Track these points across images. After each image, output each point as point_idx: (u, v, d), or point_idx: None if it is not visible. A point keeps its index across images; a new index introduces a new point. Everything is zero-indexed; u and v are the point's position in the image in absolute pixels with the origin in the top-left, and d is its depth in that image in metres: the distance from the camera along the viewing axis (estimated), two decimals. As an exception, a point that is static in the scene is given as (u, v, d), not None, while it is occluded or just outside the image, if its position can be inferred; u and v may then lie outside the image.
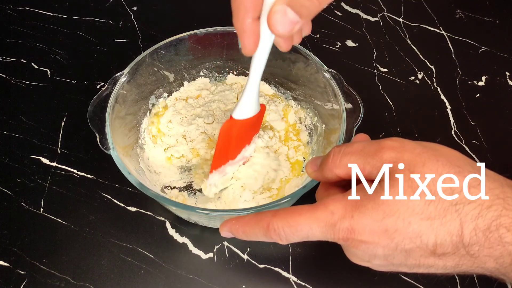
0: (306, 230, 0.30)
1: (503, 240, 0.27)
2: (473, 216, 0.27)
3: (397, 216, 0.28)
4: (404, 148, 0.30)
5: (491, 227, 0.27)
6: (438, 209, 0.28)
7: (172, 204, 0.42)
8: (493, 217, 0.27)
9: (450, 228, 0.27)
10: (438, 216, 0.28)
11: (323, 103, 0.53)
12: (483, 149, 0.58)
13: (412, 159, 0.29)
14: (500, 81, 0.65)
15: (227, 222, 0.35)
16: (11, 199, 0.53)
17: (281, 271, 0.49)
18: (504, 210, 0.27)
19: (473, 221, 0.27)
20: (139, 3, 0.73)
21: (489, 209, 0.27)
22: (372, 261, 0.31)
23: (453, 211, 0.28)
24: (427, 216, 0.28)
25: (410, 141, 0.31)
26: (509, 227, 0.27)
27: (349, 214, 0.29)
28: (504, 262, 0.27)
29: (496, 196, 0.28)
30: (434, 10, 0.73)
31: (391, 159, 0.30)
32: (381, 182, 0.29)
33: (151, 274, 0.48)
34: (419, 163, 0.29)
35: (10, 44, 0.68)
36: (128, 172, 0.43)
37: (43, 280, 0.48)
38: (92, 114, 0.47)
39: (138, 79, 0.52)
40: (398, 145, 0.30)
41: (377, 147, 0.31)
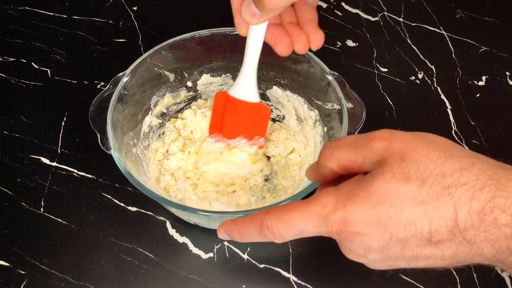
0: (299, 225, 0.30)
1: (498, 222, 0.26)
2: (466, 199, 0.27)
3: (389, 203, 0.28)
4: (394, 137, 0.30)
5: (486, 209, 0.27)
6: (431, 193, 0.27)
7: (173, 205, 0.42)
8: (486, 199, 0.27)
9: (444, 212, 0.27)
10: (430, 201, 0.27)
11: (323, 103, 0.53)
12: (483, 149, 0.58)
13: (403, 146, 0.29)
14: (500, 81, 0.65)
15: (224, 224, 0.35)
16: (11, 199, 0.53)
17: (281, 271, 0.49)
18: (498, 191, 0.27)
19: (467, 203, 0.27)
20: (139, 3, 0.73)
21: (482, 190, 0.27)
22: (368, 255, 0.30)
23: (446, 195, 0.27)
24: (419, 202, 0.27)
25: (401, 131, 0.31)
26: (504, 208, 0.26)
27: (341, 205, 0.29)
28: (501, 246, 0.27)
29: (488, 177, 0.27)
30: (434, 10, 0.73)
31: (382, 148, 0.30)
32: (372, 171, 0.29)
33: (151, 274, 0.48)
34: (409, 150, 0.29)
35: (10, 44, 0.68)
36: (129, 172, 0.43)
37: (43, 280, 0.48)
38: (94, 114, 0.47)
39: (140, 79, 0.52)
40: (388, 135, 0.30)
41: (368, 138, 0.31)
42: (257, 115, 0.52)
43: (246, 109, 0.51)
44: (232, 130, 0.53)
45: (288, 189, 0.53)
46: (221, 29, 0.53)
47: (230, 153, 0.53)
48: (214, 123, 0.54)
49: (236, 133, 0.53)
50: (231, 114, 0.52)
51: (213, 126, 0.54)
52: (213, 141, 0.54)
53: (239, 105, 0.51)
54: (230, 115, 0.52)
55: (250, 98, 0.50)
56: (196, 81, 0.58)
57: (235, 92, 0.50)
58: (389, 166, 0.28)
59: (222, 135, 0.54)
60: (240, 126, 0.53)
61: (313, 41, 0.43)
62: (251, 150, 0.53)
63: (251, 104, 0.50)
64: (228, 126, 0.53)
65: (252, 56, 0.47)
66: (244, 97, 0.50)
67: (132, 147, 0.51)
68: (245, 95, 0.50)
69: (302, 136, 0.56)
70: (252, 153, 0.53)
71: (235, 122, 0.53)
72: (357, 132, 0.47)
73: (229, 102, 0.51)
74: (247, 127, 0.53)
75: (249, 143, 0.53)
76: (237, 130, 0.53)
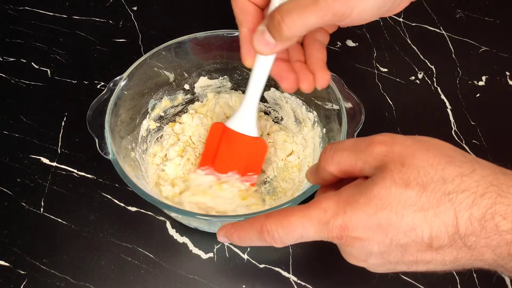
0: (300, 230, 0.30)
1: (499, 228, 0.26)
2: (467, 205, 0.27)
3: (390, 209, 0.28)
4: (395, 141, 0.30)
5: (486, 216, 0.26)
6: (431, 199, 0.27)
7: (172, 210, 0.42)
8: (487, 205, 0.26)
9: (445, 219, 0.27)
10: (431, 207, 0.27)
11: (322, 104, 0.53)
12: (483, 149, 0.58)
13: (403, 151, 0.29)
14: (500, 81, 0.65)
15: (224, 228, 0.35)
16: (11, 199, 0.53)
17: (281, 271, 0.49)
18: (499, 197, 0.27)
19: (468, 210, 0.27)
20: (139, 3, 0.73)
21: (482, 197, 0.27)
22: (368, 260, 0.30)
23: (447, 201, 0.27)
24: (420, 208, 0.27)
25: (401, 135, 0.31)
26: (505, 215, 0.26)
27: (341, 210, 0.29)
28: (502, 252, 0.27)
29: (489, 183, 0.27)
30: (434, 10, 0.73)
31: (382, 152, 0.29)
32: (373, 177, 0.29)
33: (151, 274, 0.48)
34: (409, 155, 0.29)
35: (10, 44, 0.68)
36: (128, 177, 0.43)
37: (43, 280, 0.48)
38: (91, 118, 0.47)
39: (138, 82, 0.52)
40: (389, 139, 0.30)
41: (368, 142, 0.30)
42: (254, 150, 0.50)
43: (243, 142, 0.49)
44: (225, 164, 0.51)
45: (287, 191, 0.53)
46: (219, 31, 0.53)
47: (220, 188, 0.50)
48: (206, 155, 0.51)
49: (229, 167, 0.50)
50: (226, 146, 0.50)
51: (205, 158, 0.52)
52: (203, 174, 0.51)
53: (236, 138, 0.49)
54: (225, 148, 0.50)
55: (248, 132, 0.48)
56: (193, 84, 0.58)
57: (234, 124, 0.49)
58: (389, 172, 0.28)
59: (213, 168, 0.51)
60: (235, 160, 0.50)
61: (319, 81, 0.42)
62: (243, 186, 0.50)
63: (249, 137, 0.49)
64: (222, 159, 0.51)
65: (256, 89, 0.45)
66: (243, 130, 0.48)
67: (131, 151, 0.51)
68: (243, 128, 0.48)
69: (301, 137, 0.56)
70: (243, 189, 0.50)
71: (229, 156, 0.50)
72: (356, 133, 0.46)
73: (225, 134, 0.49)
74: (242, 162, 0.50)
75: (241, 179, 0.50)
76: (230, 164, 0.50)
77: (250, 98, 0.46)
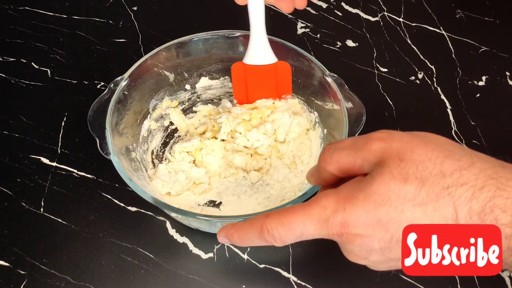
0: (300, 228, 0.30)
1: (498, 222, 0.26)
2: (466, 199, 0.27)
3: (389, 204, 0.28)
4: (392, 138, 0.30)
5: (486, 209, 0.26)
6: (430, 194, 0.27)
7: (172, 210, 0.42)
8: (487, 199, 0.26)
9: (444, 213, 0.27)
10: (430, 201, 0.27)
11: (323, 105, 0.53)
12: (483, 149, 0.58)
13: (401, 147, 0.29)
14: (500, 81, 0.65)
15: (224, 228, 0.35)
16: (11, 199, 0.53)
17: (281, 271, 0.49)
18: (498, 191, 0.27)
19: (467, 203, 0.27)
20: (139, 3, 0.73)
21: (482, 190, 0.27)
22: (369, 257, 0.30)
23: (446, 195, 0.27)
24: (419, 202, 0.27)
25: (399, 131, 0.31)
26: (504, 208, 0.26)
27: (341, 207, 0.29)
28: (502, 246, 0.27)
29: (488, 176, 0.27)
30: (434, 10, 0.73)
31: (380, 149, 0.29)
32: (371, 173, 0.29)
33: (151, 274, 0.48)
34: (408, 150, 0.29)
35: (10, 44, 0.68)
36: (129, 178, 0.43)
37: (43, 280, 0.48)
38: (92, 118, 0.47)
39: (139, 82, 0.52)
40: (386, 135, 0.30)
41: (366, 140, 0.30)
42: (279, 74, 0.51)
43: (266, 72, 0.50)
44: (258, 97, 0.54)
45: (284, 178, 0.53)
46: (219, 31, 0.53)
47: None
48: (238, 94, 0.54)
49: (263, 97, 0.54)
50: (253, 82, 0.52)
51: (239, 97, 0.55)
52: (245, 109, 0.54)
53: (258, 71, 0.50)
54: (252, 83, 0.52)
55: (267, 60, 0.50)
56: (194, 84, 0.58)
57: (251, 59, 0.50)
58: (388, 167, 0.28)
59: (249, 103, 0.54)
60: (266, 91, 0.53)
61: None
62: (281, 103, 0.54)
63: (269, 66, 0.50)
64: (254, 94, 0.53)
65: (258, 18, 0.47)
66: (262, 61, 0.50)
67: (132, 151, 0.51)
68: (262, 59, 0.50)
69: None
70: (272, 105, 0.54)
71: (259, 89, 0.53)
72: (358, 133, 0.46)
73: (248, 71, 0.51)
74: (273, 89, 0.53)
75: None
76: (263, 96, 0.53)
77: (256, 28, 0.48)
